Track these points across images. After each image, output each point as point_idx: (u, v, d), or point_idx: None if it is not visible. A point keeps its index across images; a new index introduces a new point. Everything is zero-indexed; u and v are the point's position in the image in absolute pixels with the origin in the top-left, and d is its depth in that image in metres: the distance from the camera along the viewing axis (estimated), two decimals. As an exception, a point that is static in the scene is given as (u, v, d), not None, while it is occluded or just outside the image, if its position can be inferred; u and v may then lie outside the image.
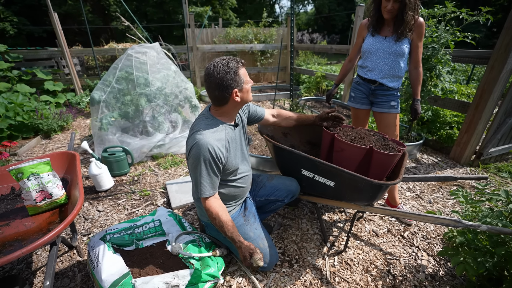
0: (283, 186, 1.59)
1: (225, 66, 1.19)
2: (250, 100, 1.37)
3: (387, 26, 1.71)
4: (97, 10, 14.48)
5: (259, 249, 1.41)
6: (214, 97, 1.25)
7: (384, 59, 1.74)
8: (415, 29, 1.65)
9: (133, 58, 2.85)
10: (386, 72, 1.76)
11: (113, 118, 2.86)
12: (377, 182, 1.25)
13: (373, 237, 1.80)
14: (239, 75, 1.22)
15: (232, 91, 1.21)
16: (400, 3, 1.54)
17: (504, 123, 2.70)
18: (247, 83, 1.27)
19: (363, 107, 1.96)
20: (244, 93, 1.28)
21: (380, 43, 1.73)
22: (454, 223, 1.18)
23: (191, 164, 1.27)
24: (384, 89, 1.82)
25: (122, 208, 2.15)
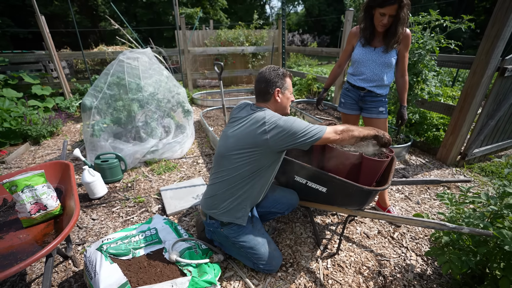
0: (285, 199, 1.64)
1: (276, 68, 1.42)
2: (287, 112, 1.49)
3: (377, 37, 1.77)
4: (84, 10, 14.20)
5: (267, 253, 1.48)
6: (260, 90, 1.41)
7: (373, 69, 1.80)
8: (402, 40, 1.72)
9: (125, 64, 2.84)
10: (374, 81, 1.83)
11: (105, 125, 2.84)
12: (367, 188, 1.30)
13: (364, 239, 1.86)
14: (285, 80, 1.42)
15: (275, 88, 1.38)
16: (394, 18, 1.60)
17: (486, 125, 2.82)
18: (289, 92, 1.45)
19: (353, 112, 2.03)
20: (284, 98, 1.43)
21: (370, 54, 1.79)
22: (439, 226, 1.24)
23: (285, 132, 1.25)
24: (372, 95, 1.89)
25: (117, 215, 2.15)
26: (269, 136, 1.26)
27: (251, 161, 1.33)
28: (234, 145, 1.35)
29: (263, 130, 1.27)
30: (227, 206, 1.40)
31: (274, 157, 1.37)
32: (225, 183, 1.40)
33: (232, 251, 1.57)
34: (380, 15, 1.60)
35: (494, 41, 2.36)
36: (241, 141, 1.33)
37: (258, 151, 1.31)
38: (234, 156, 1.35)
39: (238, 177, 1.36)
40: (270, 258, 1.48)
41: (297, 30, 19.02)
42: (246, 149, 1.31)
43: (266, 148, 1.30)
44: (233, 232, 1.44)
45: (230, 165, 1.37)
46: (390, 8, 1.55)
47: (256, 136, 1.29)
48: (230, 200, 1.40)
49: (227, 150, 1.38)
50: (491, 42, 2.38)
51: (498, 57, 2.45)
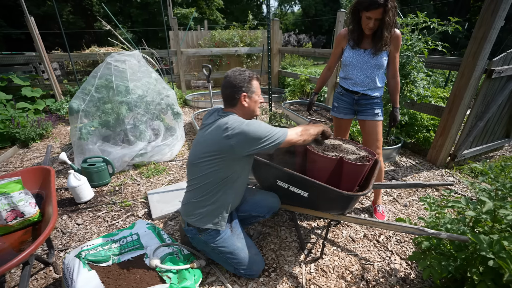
0: (265, 202, 1.63)
1: (241, 71, 1.38)
2: (257, 114, 1.47)
3: (366, 39, 1.76)
4: (79, 11, 14.10)
5: (247, 258, 1.47)
6: (226, 96, 1.39)
7: (365, 72, 1.79)
8: (392, 42, 1.71)
9: (112, 67, 2.81)
10: (367, 84, 1.82)
11: (92, 128, 2.81)
12: (347, 194, 1.29)
13: (350, 243, 1.85)
14: (251, 83, 1.39)
15: (241, 93, 1.35)
16: (380, 22, 1.59)
17: (475, 126, 2.83)
18: (257, 95, 1.42)
19: (346, 116, 2.01)
20: (252, 102, 1.40)
21: (360, 56, 1.78)
22: (418, 232, 1.24)
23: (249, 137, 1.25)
24: (367, 98, 1.88)
25: (102, 220, 2.12)
26: (233, 142, 1.25)
27: (220, 168, 1.32)
28: (202, 153, 1.35)
29: (227, 136, 1.26)
30: (203, 213, 1.39)
31: (242, 162, 1.37)
32: (197, 191, 1.39)
33: (213, 256, 1.56)
34: (366, 18, 1.59)
35: (481, 43, 2.36)
36: (208, 148, 1.32)
37: (225, 157, 1.30)
38: (203, 163, 1.34)
39: (209, 184, 1.35)
40: (250, 263, 1.47)
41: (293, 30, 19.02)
42: (213, 156, 1.31)
43: (231, 153, 1.29)
44: (211, 237, 1.43)
45: (200, 172, 1.36)
46: (375, 12, 1.54)
47: (220, 142, 1.28)
48: (204, 208, 1.39)
49: (195, 158, 1.38)
50: (478, 44, 2.39)
51: (485, 59, 2.46)
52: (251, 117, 1.45)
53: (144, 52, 5.26)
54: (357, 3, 1.62)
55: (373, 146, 1.91)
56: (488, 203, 1.12)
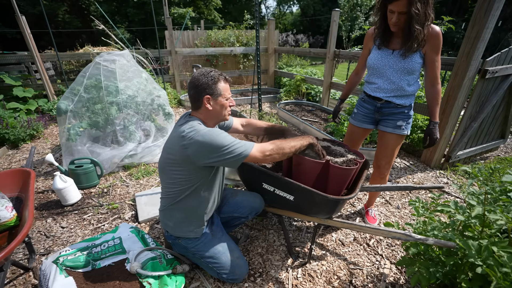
0: (247, 203, 1.59)
1: (207, 72, 1.28)
2: (224, 118, 1.37)
3: (396, 37, 1.52)
4: (75, 10, 14.02)
5: (229, 262, 1.42)
6: (190, 98, 1.32)
7: (390, 77, 1.56)
8: (428, 41, 1.43)
9: (101, 67, 2.77)
10: (392, 90, 1.59)
11: (81, 128, 2.77)
12: (332, 198, 1.25)
13: (339, 247, 1.81)
14: (217, 85, 1.28)
15: (204, 95, 1.26)
16: (406, 15, 1.36)
17: (469, 127, 2.79)
18: (224, 98, 1.31)
19: (363, 125, 1.79)
20: (217, 105, 1.30)
21: (386, 58, 1.55)
22: (405, 237, 1.20)
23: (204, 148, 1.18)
24: (391, 106, 1.64)
25: (88, 223, 2.08)
26: (190, 152, 1.19)
27: (182, 176, 1.26)
28: (165, 158, 1.29)
29: (183, 146, 1.20)
30: (175, 222, 1.36)
31: (207, 172, 1.30)
32: (167, 199, 1.35)
33: (195, 261, 1.51)
34: (390, 12, 1.39)
35: (475, 42, 2.33)
36: (169, 155, 1.27)
37: (185, 166, 1.24)
38: (167, 169, 1.29)
39: (176, 192, 1.31)
40: (233, 267, 1.43)
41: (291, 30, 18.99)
42: (175, 163, 1.25)
43: (190, 163, 1.23)
44: (190, 242, 1.40)
45: (166, 178, 1.32)
46: (397, 4, 1.33)
47: (179, 151, 1.22)
48: (175, 217, 1.36)
49: (162, 163, 1.33)
50: (471, 44, 2.35)
51: (479, 59, 2.42)
52: (217, 121, 1.38)
53: (138, 52, 5.21)
54: None
55: (384, 160, 1.72)
56: (477, 208, 1.08)
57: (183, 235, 1.38)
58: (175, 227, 1.38)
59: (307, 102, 4.92)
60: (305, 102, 4.94)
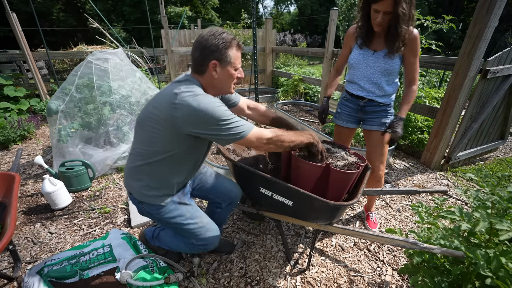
0: (223, 189, 1.52)
1: (218, 33, 1.11)
2: (229, 91, 1.23)
3: (377, 37, 1.50)
4: (70, 8, 13.83)
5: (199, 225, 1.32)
6: (194, 60, 1.15)
7: (370, 77, 1.57)
8: (407, 44, 1.43)
9: (93, 65, 2.68)
10: (373, 90, 1.60)
11: (73, 129, 2.68)
12: (333, 204, 1.19)
13: (339, 252, 1.75)
14: (227, 51, 1.12)
15: (211, 59, 1.11)
16: (392, 15, 1.33)
17: (470, 128, 2.75)
18: (233, 67, 1.16)
19: (348, 125, 1.79)
20: (224, 74, 1.15)
21: (367, 59, 1.54)
22: (410, 245, 1.14)
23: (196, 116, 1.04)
24: (374, 105, 1.65)
25: (78, 228, 2.00)
26: (178, 114, 1.05)
27: (163, 138, 1.12)
28: (149, 112, 1.13)
29: (174, 104, 1.05)
30: (143, 185, 1.21)
31: (188, 142, 1.15)
32: (140, 157, 1.19)
33: (161, 224, 1.38)
34: (374, 11, 1.36)
35: (476, 42, 2.28)
36: (155, 109, 1.11)
37: (168, 129, 1.10)
38: (147, 124, 1.13)
39: (153, 154, 1.16)
40: (203, 231, 1.33)
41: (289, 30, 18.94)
42: (157, 120, 1.10)
43: (173, 127, 1.08)
44: (155, 209, 1.26)
45: (144, 135, 1.16)
46: (383, 4, 1.30)
47: (167, 110, 1.07)
48: (146, 179, 1.20)
49: (143, 116, 1.17)
50: (472, 43, 2.31)
51: (480, 59, 2.38)
52: (219, 93, 1.24)
53: (134, 51, 5.12)
54: None
55: (377, 161, 1.69)
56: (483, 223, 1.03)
57: (147, 201, 1.23)
58: (140, 191, 1.23)
59: (305, 102, 4.87)
60: (303, 102, 4.88)
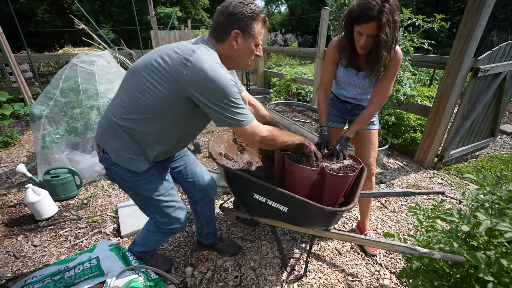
0: (202, 182, 1.49)
1: (247, 2, 1.04)
2: (245, 67, 1.17)
3: (362, 57, 1.45)
4: (55, 9, 13.45)
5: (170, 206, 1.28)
6: (216, 24, 1.06)
7: (356, 94, 1.59)
8: (388, 66, 1.40)
9: (79, 68, 2.58)
10: (360, 100, 1.62)
11: (58, 135, 2.57)
12: (330, 210, 1.15)
13: (336, 256, 1.71)
14: (253, 23, 1.05)
15: (234, 28, 1.03)
16: (374, 39, 1.27)
17: (462, 126, 2.77)
18: (254, 42, 1.09)
19: (336, 125, 1.76)
20: (244, 47, 1.08)
21: (351, 78, 1.53)
22: (409, 251, 1.11)
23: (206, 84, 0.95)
24: (361, 108, 1.66)
25: (64, 240, 1.90)
26: (188, 73, 0.95)
27: (158, 95, 0.99)
28: (153, 60, 1.01)
29: (186, 61, 0.96)
30: (121, 146, 1.08)
31: (182, 107, 1.04)
32: (125, 110, 1.05)
33: (129, 194, 1.27)
34: (357, 34, 1.29)
35: (467, 40, 2.29)
36: (161, 61, 0.99)
37: (168, 85, 0.98)
38: (146, 76, 1.00)
39: (141, 110, 1.03)
40: (171, 210, 1.29)
41: (280, 30, 18.94)
42: (161, 73, 0.98)
43: (176, 86, 0.98)
44: (130, 176, 1.15)
45: (137, 86, 1.02)
46: (366, 27, 1.22)
47: (176, 63, 0.97)
48: (126, 138, 1.07)
49: (141, 64, 1.04)
50: (463, 42, 2.31)
51: (471, 57, 2.39)
52: (235, 66, 1.16)
53: (122, 53, 5.00)
54: (348, 14, 1.32)
55: (368, 159, 1.66)
56: (486, 222, 1.00)
57: (124, 164, 1.11)
58: (118, 151, 1.09)
59: (298, 103, 4.84)
60: (296, 103, 4.85)
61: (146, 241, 1.46)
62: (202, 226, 1.64)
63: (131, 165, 1.11)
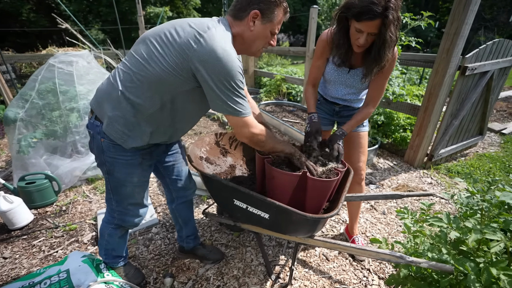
0: (183, 184, 1.44)
1: None
2: (255, 53, 1.14)
3: (356, 55, 1.32)
4: (42, 9, 13.09)
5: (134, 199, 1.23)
6: (237, 1, 1.05)
7: (345, 93, 1.49)
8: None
9: (56, 69, 2.47)
10: (349, 100, 1.53)
11: (35, 139, 2.45)
12: (311, 217, 1.08)
13: (323, 262, 1.65)
14: (275, 8, 1.03)
15: (255, 7, 1.00)
16: (377, 38, 1.14)
17: (451, 125, 2.74)
18: (271, 28, 1.06)
19: (324, 128, 1.65)
20: (261, 31, 1.05)
21: (342, 77, 1.41)
22: (396, 259, 1.05)
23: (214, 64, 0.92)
24: (350, 109, 1.58)
25: (37, 250, 1.80)
26: (198, 47, 0.92)
27: (163, 59, 0.95)
28: (167, 31, 0.98)
29: (199, 36, 0.93)
30: (118, 115, 1.03)
31: (186, 83, 0.99)
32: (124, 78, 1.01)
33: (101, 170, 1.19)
34: (356, 31, 1.15)
35: (454, 38, 2.26)
36: (174, 32, 0.96)
37: (175, 52, 0.95)
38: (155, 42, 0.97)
39: (146, 78, 0.98)
40: (131, 200, 1.23)
41: (272, 30, 18.90)
42: (170, 43, 0.95)
43: (183, 54, 0.94)
44: (114, 150, 1.09)
45: (146, 51, 0.98)
46: (368, 25, 1.09)
47: (188, 38, 0.94)
48: (125, 109, 1.02)
49: (155, 32, 1.01)
50: (451, 40, 2.28)
51: (459, 56, 2.36)
52: (245, 50, 1.12)
53: (108, 53, 4.87)
54: (344, 8, 1.16)
55: (357, 163, 1.57)
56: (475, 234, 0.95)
57: (112, 136, 1.05)
58: (111, 120, 1.04)
59: (288, 103, 4.78)
60: (286, 103, 4.79)
61: (102, 236, 1.37)
62: (180, 228, 1.59)
63: (119, 139, 1.06)
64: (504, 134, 3.96)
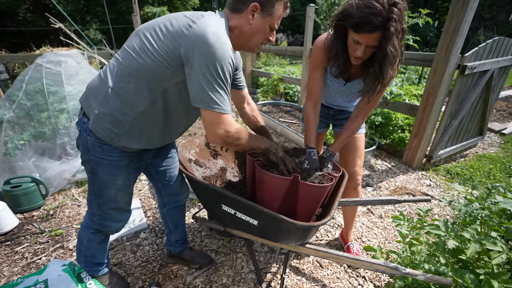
0: (177, 186, 1.40)
1: None
2: (252, 48, 1.09)
3: (354, 66, 1.22)
4: (38, 9, 13.00)
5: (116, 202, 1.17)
6: None
7: (341, 101, 1.44)
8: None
9: (44, 69, 2.40)
10: (346, 105, 1.48)
11: (22, 141, 2.38)
12: (301, 225, 1.02)
13: (317, 269, 1.59)
14: (275, 3, 1.00)
15: (254, 1, 0.97)
16: (377, 51, 1.03)
17: (450, 125, 2.68)
18: (270, 22, 1.02)
19: (318, 130, 1.57)
20: (259, 25, 1.01)
21: (339, 88, 1.34)
22: (391, 271, 0.98)
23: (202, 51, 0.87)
24: (345, 113, 1.54)
25: (20, 257, 1.73)
26: (188, 33, 0.88)
27: (154, 51, 0.91)
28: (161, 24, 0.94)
29: (191, 23, 0.89)
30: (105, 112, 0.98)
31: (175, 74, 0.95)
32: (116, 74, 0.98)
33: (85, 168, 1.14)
34: (354, 42, 1.05)
35: (453, 36, 2.19)
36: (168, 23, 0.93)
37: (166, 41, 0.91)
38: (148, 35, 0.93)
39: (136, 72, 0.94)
40: (113, 204, 1.17)
41: (271, 30, 18.88)
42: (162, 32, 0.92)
43: (174, 43, 0.90)
44: (100, 150, 1.04)
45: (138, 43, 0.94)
46: (367, 37, 0.98)
47: (181, 23, 0.91)
48: (113, 104, 0.98)
49: (150, 26, 0.97)
50: (450, 38, 2.22)
51: (458, 54, 2.30)
52: (242, 46, 1.08)
53: (102, 53, 4.80)
54: (342, 15, 1.04)
55: (353, 167, 1.49)
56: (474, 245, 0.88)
57: (98, 134, 1.01)
58: (98, 117, 0.99)
59: (285, 103, 4.72)
60: (283, 103, 4.73)
61: (80, 241, 1.29)
62: (170, 232, 1.54)
63: (106, 137, 1.01)
64: (504, 134, 3.89)
